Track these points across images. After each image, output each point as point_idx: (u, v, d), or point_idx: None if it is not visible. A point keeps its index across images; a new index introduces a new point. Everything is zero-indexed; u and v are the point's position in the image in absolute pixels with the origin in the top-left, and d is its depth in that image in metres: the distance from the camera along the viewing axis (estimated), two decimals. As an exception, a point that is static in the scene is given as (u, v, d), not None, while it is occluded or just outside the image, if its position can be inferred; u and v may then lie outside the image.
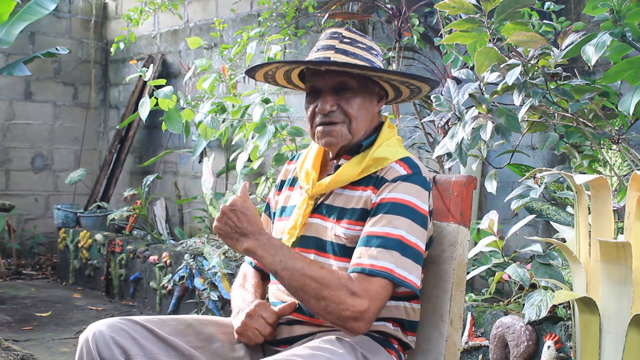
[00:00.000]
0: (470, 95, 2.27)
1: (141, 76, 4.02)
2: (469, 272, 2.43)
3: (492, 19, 2.20)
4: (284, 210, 1.84)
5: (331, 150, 1.77)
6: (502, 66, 2.25)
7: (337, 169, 1.74)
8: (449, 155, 2.42)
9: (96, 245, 5.52)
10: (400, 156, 1.70)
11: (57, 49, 5.88)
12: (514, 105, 2.23)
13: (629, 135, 2.38)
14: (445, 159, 3.08)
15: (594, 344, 1.84)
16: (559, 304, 2.60)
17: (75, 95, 6.81)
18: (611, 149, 2.49)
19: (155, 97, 3.74)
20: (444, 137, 2.35)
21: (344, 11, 3.73)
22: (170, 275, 4.65)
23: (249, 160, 4.11)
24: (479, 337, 2.82)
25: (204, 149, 5.18)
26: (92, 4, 6.81)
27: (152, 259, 4.87)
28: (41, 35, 6.58)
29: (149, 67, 4.12)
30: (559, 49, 2.20)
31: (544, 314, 2.43)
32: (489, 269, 2.75)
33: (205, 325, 1.74)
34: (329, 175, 1.74)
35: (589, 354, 1.86)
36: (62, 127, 6.72)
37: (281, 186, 1.91)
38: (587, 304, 1.84)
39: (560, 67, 2.26)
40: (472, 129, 2.20)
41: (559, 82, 2.27)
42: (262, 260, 1.59)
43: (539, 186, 2.38)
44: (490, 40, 2.25)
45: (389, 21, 3.79)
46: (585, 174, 2.08)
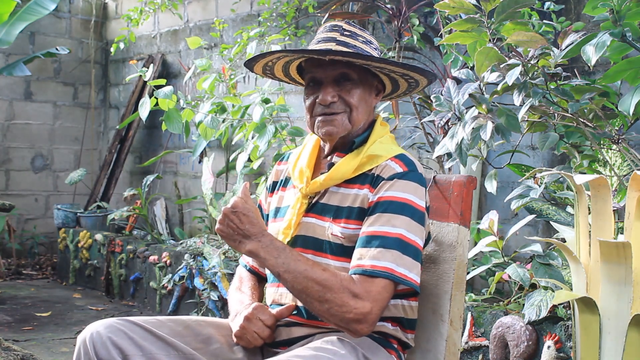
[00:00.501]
0: (470, 95, 2.27)
1: (141, 76, 4.02)
2: (469, 272, 2.43)
3: (492, 19, 2.20)
4: (278, 211, 1.82)
5: (330, 141, 1.76)
6: (502, 66, 2.25)
7: (331, 166, 1.73)
8: (449, 155, 2.42)
9: (96, 245, 5.52)
10: (394, 153, 1.70)
11: (57, 49, 5.88)
12: (514, 105, 2.23)
13: (629, 135, 2.38)
14: (445, 159, 3.08)
15: (594, 344, 1.84)
16: (559, 304, 2.60)
17: (75, 95, 6.81)
18: (611, 149, 2.49)
19: (155, 97, 3.74)
20: (444, 137, 2.35)
21: (344, 11, 3.73)
22: (170, 275, 4.65)
23: (249, 160, 4.11)
24: (479, 337, 2.82)
25: (204, 149, 5.18)
26: (92, 4, 6.81)
27: (152, 259, 4.87)
28: (41, 35, 6.58)
29: (149, 67, 4.12)
30: (559, 49, 2.20)
31: (544, 314, 2.43)
32: (489, 269, 2.75)
33: (203, 326, 1.74)
34: (323, 173, 1.73)
35: (589, 354, 1.86)
36: (62, 127, 6.72)
37: (273, 188, 1.90)
38: (587, 304, 1.84)
39: (560, 67, 2.26)
40: (472, 129, 2.20)
41: (559, 82, 2.27)
42: (265, 262, 1.59)
43: (539, 186, 2.38)
44: (490, 40, 2.25)
45: (389, 21, 3.79)
46: (585, 174, 2.08)
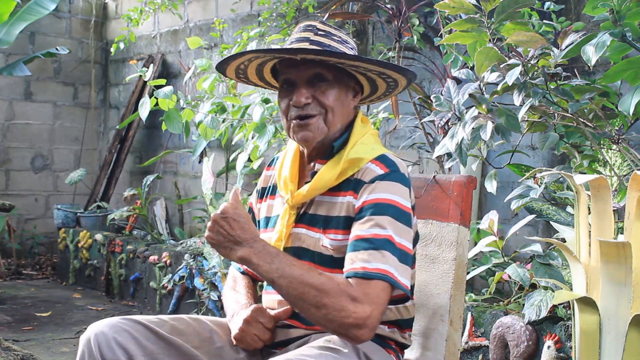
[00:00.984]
0: (470, 95, 2.27)
1: (141, 76, 4.02)
2: (469, 272, 2.43)
3: (492, 19, 2.20)
4: (269, 220, 1.79)
5: (307, 147, 1.71)
6: (502, 66, 2.25)
7: (313, 175, 1.68)
8: (449, 155, 2.42)
9: (96, 245, 5.52)
10: (375, 154, 1.65)
11: (57, 49, 5.88)
12: (514, 105, 2.23)
13: (629, 135, 2.38)
14: (445, 159, 3.08)
15: (594, 344, 1.83)
16: (559, 304, 2.60)
17: (75, 95, 6.81)
18: (611, 149, 2.49)
19: (155, 97, 3.74)
20: (444, 137, 2.35)
21: (344, 11, 3.73)
22: (170, 275, 4.65)
23: (249, 160, 4.11)
24: (479, 337, 2.82)
25: (204, 149, 5.18)
26: (92, 4, 6.81)
27: (152, 259, 4.87)
28: (41, 35, 6.58)
29: (149, 67, 4.12)
30: (559, 49, 2.20)
31: (544, 314, 2.43)
32: (489, 269, 2.75)
33: (205, 325, 1.74)
34: (307, 182, 1.68)
35: (589, 354, 1.85)
36: (62, 127, 6.72)
37: (262, 194, 1.86)
38: (587, 304, 1.84)
39: (560, 67, 2.26)
40: (472, 129, 2.20)
41: (559, 82, 2.27)
42: (257, 268, 1.53)
43: (539, 186, 2.38)
44: (490, 40, 2.25)
45: (389, 21, 3.79)
46: (585, 174, 2.08)
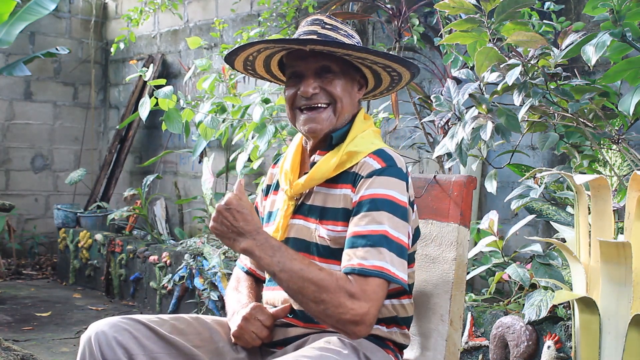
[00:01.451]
0: (470, 95, 2.27)
1: (141, 76, 4.02)
2: (469, 272, 2.43)
3: (492, 19, 2.20)
4: (270, 215, 1.81)
5: (314, 138, 1.73)
6: (502, 66, 2.26)
7: (312, 166, 1.71)
8: (449, 155, 2.42)
9: (96, 245, 5.52)
10: (374, 148, 1.66)
11: (57, 49, 5.88)
12: (514, 105, 2.23)
13: (629, 135, 2.38)
14: (445, 159, 3.08)
15: (594, 344, 1.83)
16: (559, 304, 2.60)
17: (75, 95, 6.81)
18: (611, 149, 2.49)
19: (155, 97, 3.74)
20: (444, 137, 2.35)
21: (344, 11, 3.73)
22: (170, 275, 4.65)
23: (249, 160, 4.11)
24: (479, 337, 2.82)
25: (204, 149, 5.18)
26: (92, 4, 6.81)
27: (152, 259, 4.87)
28: (41, 35, 6.58)
29: (149, 67, 4.12)
30: (559, 49, 2.20)
31: (544, 314, 2.43)
32: (489, 269, 2.75)
33: (205, 324, 1.74)
34: (306, 173, 1.71)
35: (589, 354, 1.85)
36: (62, 127, 6.72)
37: (267, 191, 1.89)
38: (587, 304, 1.84)
39: (560, 67, 2.26)
40: (472, 129, 2.20)
41: (559, 82, 2.27)
42: (260, 261, 1.55)
43: (539, 186, 2.38)
44: (490, 40, 2.25)
45: (389, 21, 3.79)
46: (585, 174, 2.09)
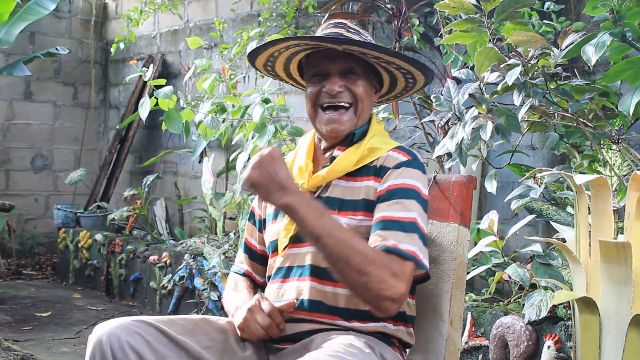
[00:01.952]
0: (470, 95, 2.27)
1: (141, 76, 4.02)
2: (469, 272, 2.44)
3: (492, 19, 2.20)
4: (278, 212, 1.80)
5: (334, 139, 1.75)
6: (502, 66, 2.25)
7: (333, 160, 1.73)
8: (449, 155, 2.42)
9: (96, 245, 5.52)
10: (393, 145, 1.73)
11: (57, 49, 5.87)
12: (514, 105, 2.23)
13: (629, 135, 2.38)
14: (445, 159, 3.08)
15: (594, 344, 1.84)
16: (559, 304, 2.60)
17: (75, 95, 6.81)
18: (611, 149, 2.49)
19: (155, 97, 3.73)
20: (444, 137, 2.35)
21: (344, 11, 3.73)
22: (170, 275, 4.65)
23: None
24: (479, 337, 2.82)
25: (204, 149, 5.18)
26: (92, 4, 6.81)
27: (152, 259, 4.87)
28: (41, 35, 6.58)
29: (149, 67, 4.12)
30: (559, 49, 2.20)
31: (544, 314, 2.43)
32: (489, 269, 2.75)
33: (213, 324, 1.73)
34: (324, 167, 1.73)
35: (589, 354, 1.86)
36: (62, 127, 6.72)
37: None
38: (587, 304, 1.84)
39: (560, 67, 2.26)
40: (472, 129, 2.20)
41: (559, 82, 2.27)
42: (302, 221, 1.51)
43: (539, 186, 2.38)
44: (490, 40, 2.25)
45: (389, 21, 3.79)
46: (585, 174, 2.09)
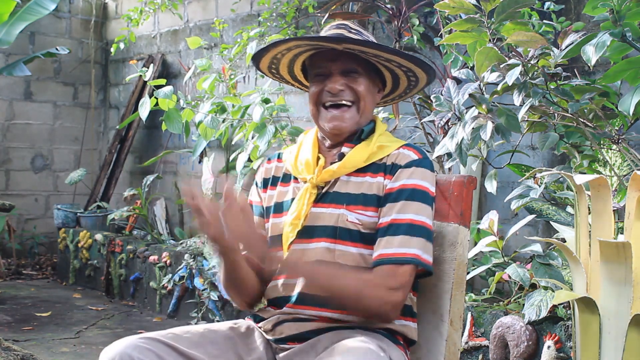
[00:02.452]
0: (470, 95, 2.27)
1: (141, 76, 4.02)
2: (469, 272, 2.44)
3: (492, 19, 2.20)
4: (279, 206, 1.81)
5: (337, 136, 1.77)
6: (502, 66, 2.26)
7: (341, 156, 1.75)
8: (449, 155, 2.42)
9: (96, 245, 5.52)
10: (402, 143, 1.75)
11: (57, 49, 5.87)
12: (514, 105, 2.23)
13: (629, 135, 2.38)
14: (445, 159, 3.08)
15: (594, 344, 1.84)
16: (559, 304, 2.60)
17: (75, 95, 6.81)
18: (611, 149, 2.49)
19: (155, 97, 3.74)
20: (444, 137, 2.35)
21: (344, 11, 3.73)
22: (170, 275, 4.65)
23: (249, 160, 4.10)
24: (479, 337, 2.82)
25: (204, 149, 5.18)
26: (92, 4, 6.81)
27: (152, 259, 4.87)
28: (41, 35, 6.57)
29: (149, 67, 4.12)
30: (559, 49, 2.20)
31: (544, 314, 2.43)
32: (489, 269, 2.76)
33: (217, 332, 1.72)
34: (333, 163, 1.75)
35: (589, 354, 1.86)
36: (62, 127, 6.72)
37: (266, 184, 1.88)
38: (587, 304, 1.84)
39: (560, 67, 2.26)
40: (472, 129, 2.20)
41: (559, 82, 2.27)
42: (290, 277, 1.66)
43: (539, 186, 2.38)
44: (490, 40, 2.25)
45: (389, 21, 3.79)
46: (585, 174, 2.09)
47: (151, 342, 1.59)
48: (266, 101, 3.80)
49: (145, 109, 3.68)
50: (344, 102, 1.73)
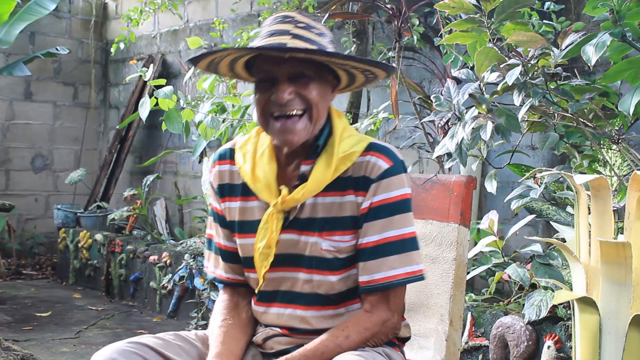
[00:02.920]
0: (470, 95, 2.27)
1: (141, 76, 4.02)
2: (469, 272, 2.43)
3: (492, 19, 2.20)
4: (246, 226, 1.65)
5: (289, 148, 1.59)
6: (502, 66, 2.25)
7: (302, 177, 1.59)
8: (449, 155, 2.42)
9: (96, 245, 5.52)
10: (365, 144, 1.58)
11: (57, 49, 5.87)
12: (514, 105, 2.23)
13: (629, 135, 2.37)
14: (445, 159, 3.08)
15: (594, 344, 1.83)
16: (559, 304, 2.60)
17: (75, 95, 6.80)
18: (611, 149, 2.49)
19: (155, 97, 3.73)
20: (444, 137, 2.35)
21: (344, 11, 3.73)
22: (170, 275, 4.65)
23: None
24: (479, 337, 2.82)
25: (204, 149, 5.17)
26: (92, 4, 6.81)
27: (152, 259, 4.87)
28: (41, 35, 6.57)
29: (149, 67, 4.12)
30: (559, 49, 2.20)
31: (544, 314, 2.44)
32: (489, 269, 2.75)
33: (207, 339, 1.69)
34: (295, 185, 1.59)
35: (589, 354, 1.85)
36: (62, 127, 6.72)
37: (222, 191, 1.70)
38: (587, 304, 1.84)
39: (560, 67, 2.26)
40: (472, 129, 2.20)
41: (559, 82, 2.27)
42: None
43: (539, 186, 2.38)
44: (490, 40, 2.25)
45: (389, 21, 3.79)
46: (585, 174, 2.09)
47: (138, 346, 1.56)
48: (266, 101, 3.79)
49: (145, 109, 3.68)
50: (295, 113, 1.54)
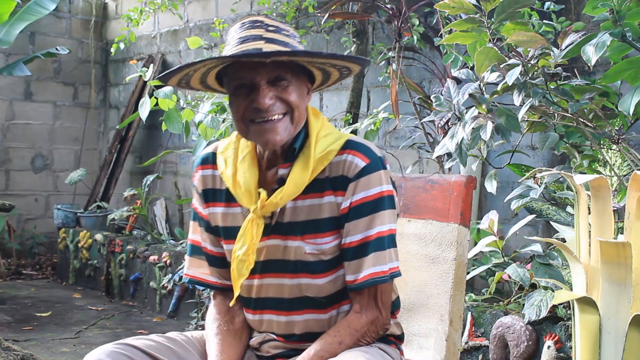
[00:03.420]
0: (470, 95, 2.27)
1: (141, 76, 4.02)
2: (469, 272, 2.43)
3: (492, 19, 2.20)
4: (230, 232, 1.64)
5: (271, 149, 1.59)
6: (502, 66, 2.25)
7: (280, 181, 1.58)
8: (449, 155, 2.42)
9: (96, 245, 5.52)
10: (342, 142, 1.57)
11: (57, 49, 5.87)
12: (514, 105, 2.23)
13: (629, 135, 2.37)
14: (445, 159, 3.08)
15: (594, 344, 1.83)
16: (559, 304, 2.60)
17: (75, 95, 6.81)
18: (611, 149, 2.49)
19: (155, 97, 3.74)
20: (444, 137, 2.35)
21: (344, 11, 3.73)
22: (170, 275, 4.65)
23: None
24: (479, 337, 2.82)
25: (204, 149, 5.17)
26: (92, 4, 6.81)
27: (152, 259, 4.87)
28: (41, 35, 6.57)
29: (149, 67, 4.12)
30: (559, 49, 2.20)
31: (544, 314, 2.43)
32: (489, 269, 2.75)
33: (197, 341, 1.69)
34: (274, 189, 1.58)
35: (589, 354, 1.85)
36: (62, 127, 6.72)
37: (206, 196, 1.69)
38: (587, 304, 1.84)
39: (560, 67, 2.26)
40: (472, 129, 2.20)
41: (559, 82, 2.27)
42: None
43: (539, 186, 2.38)
44: (490, 40, 2.25)
45: (389, 21, 3.79)
46: (585, 174, 2.09)
47: (127, 348, 1.56)
48: (266, 101, 3.79)
49: (145, 109, 3.68)
50: (275, 118, 1.53)
